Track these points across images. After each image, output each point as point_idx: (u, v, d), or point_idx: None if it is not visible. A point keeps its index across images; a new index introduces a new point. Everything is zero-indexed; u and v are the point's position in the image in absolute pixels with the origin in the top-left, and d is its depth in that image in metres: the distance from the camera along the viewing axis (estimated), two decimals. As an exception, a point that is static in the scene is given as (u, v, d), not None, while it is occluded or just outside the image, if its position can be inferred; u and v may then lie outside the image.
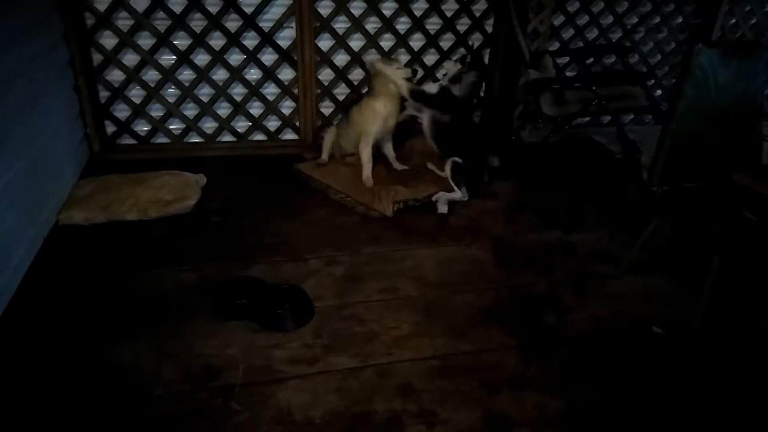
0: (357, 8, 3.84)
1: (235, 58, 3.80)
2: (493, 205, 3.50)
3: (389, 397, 2.07)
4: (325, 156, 3.78)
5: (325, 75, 3.99)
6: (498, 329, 2.46)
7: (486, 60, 3.91)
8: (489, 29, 4.07)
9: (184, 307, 2.47)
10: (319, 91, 4.00)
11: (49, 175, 3.06)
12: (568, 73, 4.41)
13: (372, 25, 3.91)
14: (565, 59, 4.38)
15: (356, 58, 3.97)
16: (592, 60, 4.35)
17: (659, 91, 4.67)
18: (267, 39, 3.76)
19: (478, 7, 4.04)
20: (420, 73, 3.64)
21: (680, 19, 4.49)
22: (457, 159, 3.49)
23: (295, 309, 2.44)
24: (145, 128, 3.86)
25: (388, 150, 3.76)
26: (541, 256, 3.02)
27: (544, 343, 2.41)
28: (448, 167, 3.50)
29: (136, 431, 1.89)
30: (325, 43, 3.89)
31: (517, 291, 2.73)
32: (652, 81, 4.60)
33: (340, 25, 3.86)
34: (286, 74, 3.92)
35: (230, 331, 2.34)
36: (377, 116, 3.50)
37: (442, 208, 3.37)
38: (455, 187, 3.46)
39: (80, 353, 2.20)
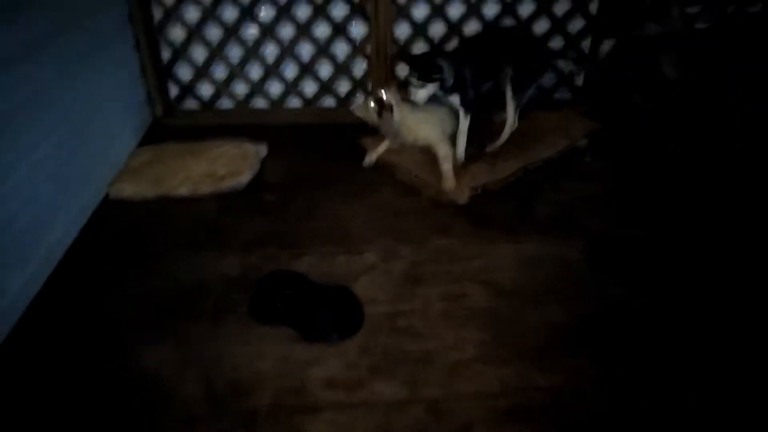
0: (440, -49, 3.29)
1: (303, 11, 3.41)
2: (589, 189, 2.93)
3: (439, 443, 1.70)
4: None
5: (402, 31, 3.51)
6: (584, 358, 1.98)
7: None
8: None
9: (221, 303, 2.21)
10: (395, 50, 3.53)
11: (102, 142, 2.90)
12: (699, 26, 3.59)
13: (458, -30, 3.36)
14: (696, 9, 3.56)
15: (438, 12, 3.44)
16: (732, 8, 3.51)
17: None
18: (337, -11, 3.34)
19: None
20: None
21: None
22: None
23: (340, 317, 2.10)
24: (209, 91, 3.61)
25: None
26: (648, 260, 2.46)
27: (645, 381, 1.91)
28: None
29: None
30: (403, -7, 3.40)
31: (612, 306, 2.22)
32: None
33: (421, -29, 3.35)
34: (359, 31, 3.49)
35: (266, 338, 2.05)
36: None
37: None
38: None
39: (104, 350, 2.00)
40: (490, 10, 3.50)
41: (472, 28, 3.53)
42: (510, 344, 2.03)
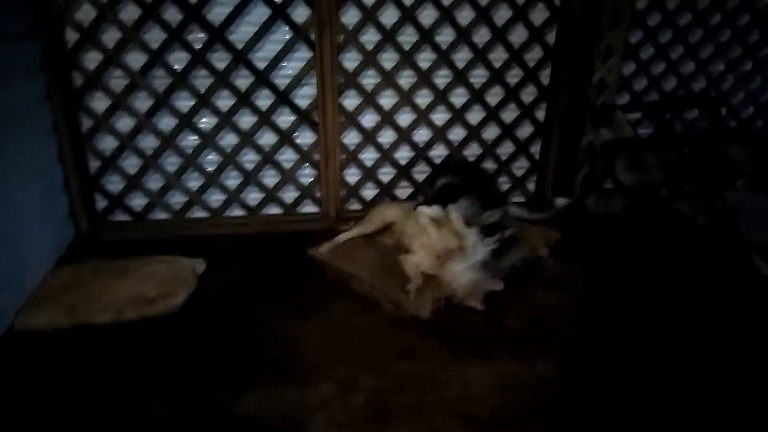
0: (388, 61, 3.27)
1: (247, 120, 3.25)
2: (558, 297, 2.75)
3: None
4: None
5: (351, 138, 3.40)
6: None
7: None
8: (545, 81, 3.45)
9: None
10: (344, 156, 3.40)
11: (11, 264, 2.50)
12: (640, 131, 3.70)
13: (406, 79, 3.34)
14: (637, 115, 3.67)
15: (387, 119, 3.37)
16: (669, 115, 3.64)
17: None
18: (283, 98, 3.22)
19: (532, 56, 3.41)
20: None
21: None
22: None
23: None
24: (142, 202, 3.31)
25: None
26: (632, 374, 2.24)
27: None
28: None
29: None
30: (351, 101, 3.32)
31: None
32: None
33: (369, 80, 3.30)
34: (306, 138, 3.36)
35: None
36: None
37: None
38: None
39: None
40: (439, 118, 3.47)
41: (422, 134, 3.48)
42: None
